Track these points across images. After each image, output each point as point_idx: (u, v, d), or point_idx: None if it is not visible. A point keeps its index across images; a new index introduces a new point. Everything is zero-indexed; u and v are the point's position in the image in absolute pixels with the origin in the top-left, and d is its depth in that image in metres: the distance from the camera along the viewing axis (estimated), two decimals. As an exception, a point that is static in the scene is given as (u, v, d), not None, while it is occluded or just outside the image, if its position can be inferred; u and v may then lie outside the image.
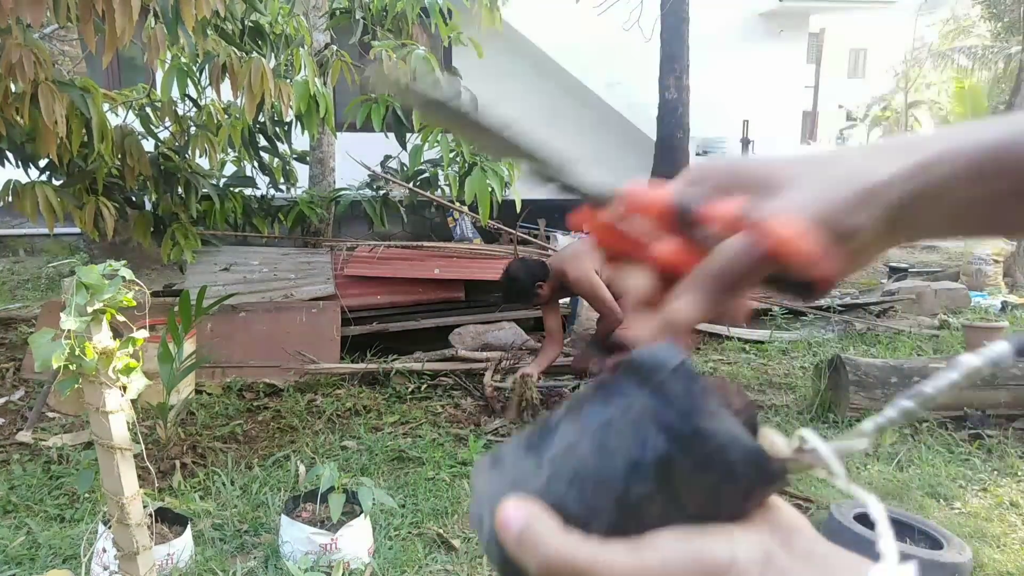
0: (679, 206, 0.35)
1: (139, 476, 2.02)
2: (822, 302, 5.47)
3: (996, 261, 7.18)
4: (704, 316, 0.35)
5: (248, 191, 5.19)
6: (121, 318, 1.89)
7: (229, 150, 4.45)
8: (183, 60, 3.74)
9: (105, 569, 2.26)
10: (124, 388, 1.92)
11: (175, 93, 3.76)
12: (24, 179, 3.74)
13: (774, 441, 0.32)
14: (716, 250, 0.35)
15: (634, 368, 0.31)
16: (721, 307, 0.35)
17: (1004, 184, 0.35)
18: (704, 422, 0.29)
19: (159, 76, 3.72)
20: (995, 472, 3.35)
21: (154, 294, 3.34)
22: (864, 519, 2.64)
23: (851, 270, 0.38)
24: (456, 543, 2.66)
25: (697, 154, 9.32)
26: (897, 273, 7.72)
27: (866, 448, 0.32)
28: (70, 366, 1.80)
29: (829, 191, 0.35)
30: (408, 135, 4.51)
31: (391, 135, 4.54)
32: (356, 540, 2.50)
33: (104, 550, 2.26)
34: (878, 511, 0.29)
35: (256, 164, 4.80)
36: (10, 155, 3.89)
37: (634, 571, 0.28)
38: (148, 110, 4.39)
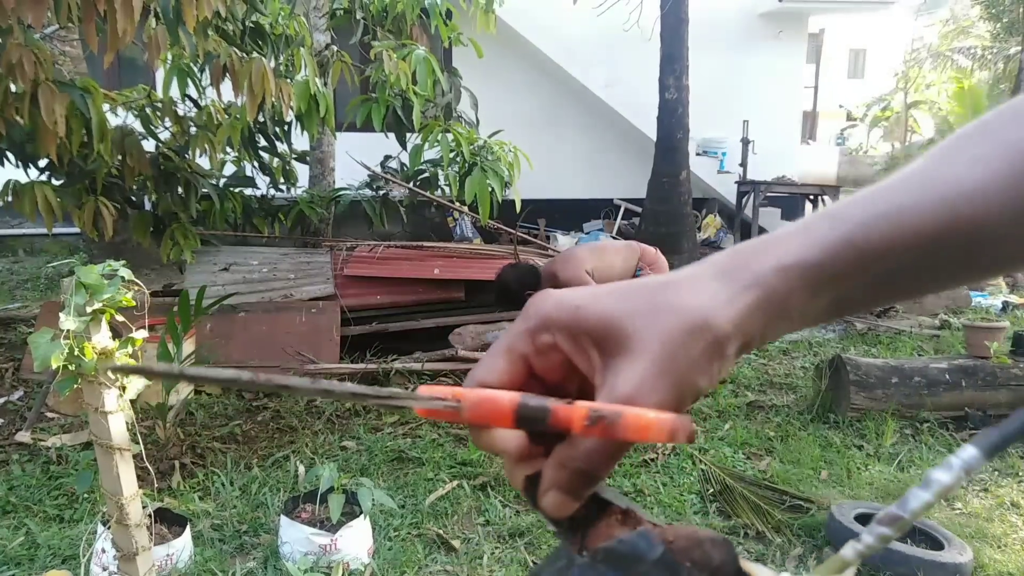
0: (523, 418, 0.34)
1: (138, 476, 2.02)
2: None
3: (996, 261, 7.17)
4: (572, 507, 0.35)
5: (248, 191, 5.19)
6: (120, 318, 1.89)
7: (229, 150, 4.44)
8: (184, 60, 3.74)
9: (104, 569, 2.25)
10: (123, 388, 1.92)
11: (175, 93, 3.76)
12: (24, 179, 3.74)
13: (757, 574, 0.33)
14: (574, 449, 0.34)
15: (615, 558, 0.32)
16: (585, 494, 0.35)
17: (843, 291, 0.36)
18: None
19: (159, 76, 3.72)
20: (996, 472, 3.35)
21: (153, 294, 3.33)
22: (864, 519, 2.64)
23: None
24: (456, 543, 2.66)
25: (697, 154, 9.31)
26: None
27: None
28: (69, 366, 1.80)
29: (674, 354, 0.34)
30: (408, 135, 4.51)
31: (391, 135, 4.53)
32: (356, 541, 2.49)
33: (103, 550, 2.25)
34: None
35: (256, 164, 4.80)
36: (10, 155, 3.89)
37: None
38: (148, 110, 4.39)
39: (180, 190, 4.43)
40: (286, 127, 4.64)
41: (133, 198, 4.52)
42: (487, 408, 0.34)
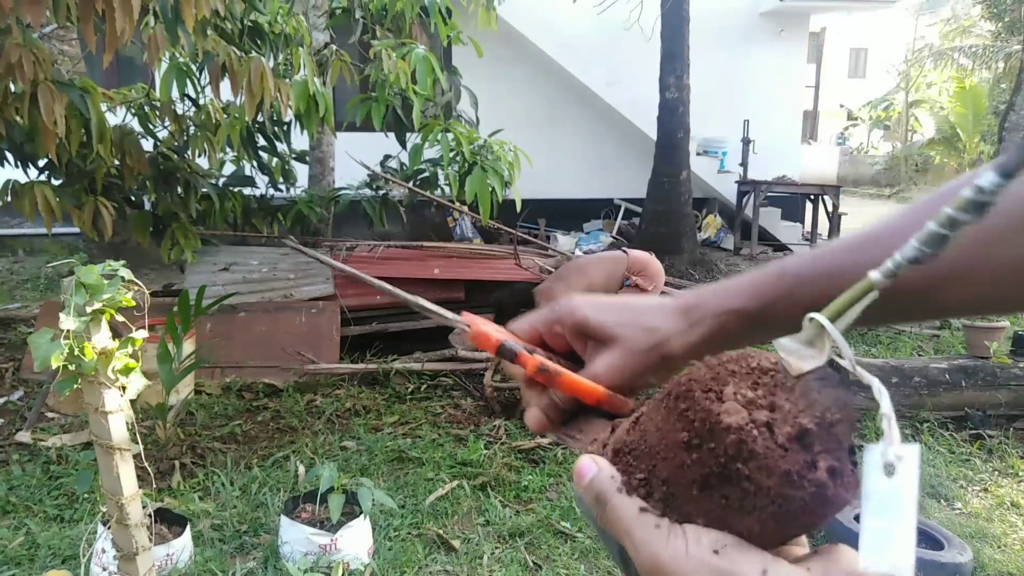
0: (502, 350, 0.48)
1: (138, 476, 2.02)
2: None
3: (997, 261, 7.17)
4: (545, 428, 0.49)
5: (247, 191, 5.18)
6: (120, 318, 1.89)
7: (228, 150, 4.44)
8: (182, 60, 3.74)
9: (104, 570, 2.25)
10: (123, 388, 1.92)
11: (174, 93, 3.76)
12: (23, 179, 3.73)
13: (784, 345, 0.34)
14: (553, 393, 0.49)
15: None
16: (557, 421, 0.49)
17: (775, 330, 0.42)
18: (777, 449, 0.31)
19: (158, 76, 3.71)
20: (996, 472, 3.35)
21: (153, 294, 3.33)
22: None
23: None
24: (456, 543, 2.65)
25: (698, 154, 9.30)
26: (897, 273, 7.70)
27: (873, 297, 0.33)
28: (69, 366, 1.80)
29: (635, 358, 0.48)
30: (408, 134, 4.50)
31: (391, 134, 4.53)
32: (356, 541, 2.49)
33: (103, 550, 2.25)
34: (883, 395, 0.32)
35: (255, 164, 4.79)
36: (9, 155, 3.88)
37: (660, 549, 0.32)
38: (147, 109, 4.38)
39: (179, 190, 4.43)
40: (285, 127, 4.63)
41: (133, 198, 4.52)
42: (483, 337, 0.49)
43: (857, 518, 2.62)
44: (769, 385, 0.33)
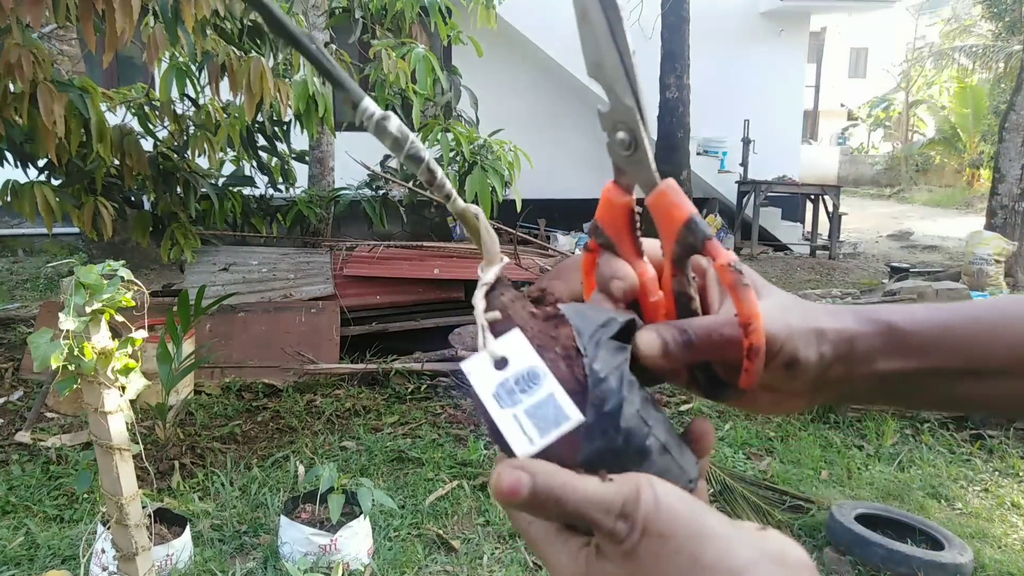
0: (691, 225, 0.39)
1: (138, 476, 2.02)
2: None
3: (998, 261, 7.16)
4: (660, 360, 0.38)
5: (247, 191, 5.18)
6: (120, 318, 1.88)
7: (228, 150, 4.44)
8: (182, 60, 3.74)
9: (104, 570, 2.25)
10: (123, 388, 1.92)
11: (174, 93, 3.75)
12: (23, 179, 3.73)
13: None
14: (702, 317, 0.40)
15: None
16: (676, 363, 0.39)
17: (944, 361, 0.42)
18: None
19: (158, 76, 3.71)
20: (996, 473, 3.35)
21: (153, 294, 3.33)
22: (864, 519, 2.64)
23: (768, 407, 0.44)
24: (456, 544, 2.65)
25: (698, 153, 9.31)
26: (898, 273, 7.71)
27: None
28: (69, 366, 1.80)
29: (792, 319, 0.41)
30: (408, 134, 4.49)
31: (391, 135, 4.52)
32: (356, 541, 2.49)
33: (103, 551, 2.25)
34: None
35: (255, 164, 4.79)
36: (9, 155, 3.88)
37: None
38: (147, 110, 4.38)
39: (179, 190, 4.43)
40: (285, 127, 4.63)
41: (132, 198, 4.52)
42: (673, 208, 0.40)
43: (858, 518, 2.62)
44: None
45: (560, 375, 0.35)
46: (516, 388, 0.35)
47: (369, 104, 0.34)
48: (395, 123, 0.35)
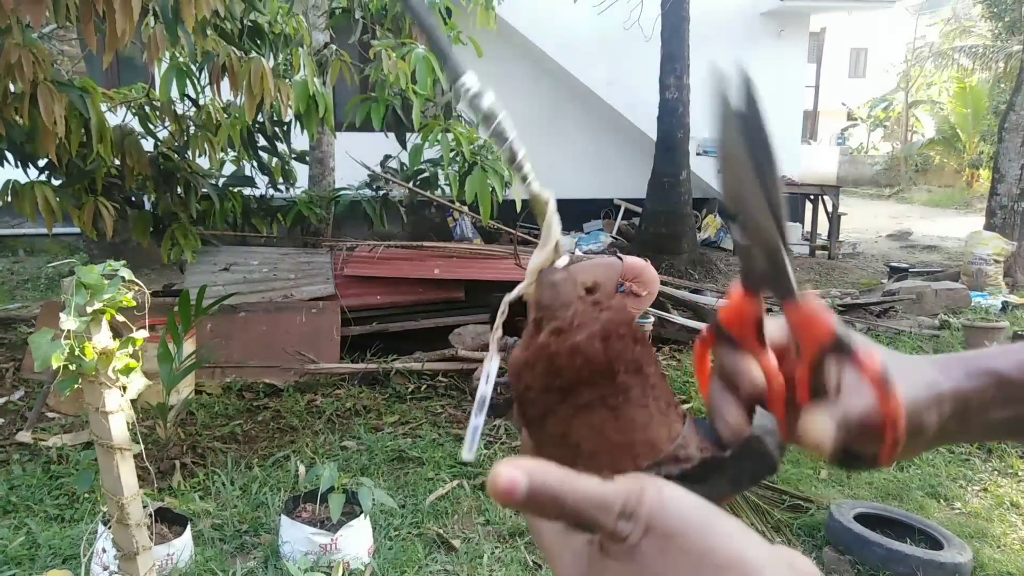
0: (841, 337, 0.40)
1: (139, 476, 2.02)
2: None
3: (997, 261, 7.17)
4: (831, 447, 0.40)
5: (247, 191, 5.19)
6: (121, 318, 1.89)
7: (228, 150, 4.44)
8: (182, 60, 3.74)
9: (105, 569, 2.25)
10: (124, 388, 1.92)
11: (174, 93, 3.76)
12: (23, 179, 3.74)
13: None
14: (850, 398, 0.41)
15: None
16: (838, 445, 0.40)
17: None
18: None
19: (158, 76, 3.71)
20: (995, 472, 3.35)
21: (154, 294, 3.33)
22: (864, 519, 2.65)
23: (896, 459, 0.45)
24: (456, 543, 2.66)
25: (698, 154, 9.31)
26: (897, 273, 7.72)
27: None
28: (70, 366, 1.80)
29: (916, 391, 0.43)
30: (408, 134, 4.50)
31: (391, 134, 4.53)
32: (356, 540, 2.50)
33: (104, 550, 2.25)
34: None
35: (255, 164, 4.80)
36: (9, 155, 3.89)
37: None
38: (147, 110, 4.38)
39: (180, 190, 4.43)
40: (285, 127, 4.63)
41: (133, 198, 4.52)
42: (816, 324, 0.40)
43: (857, 517, 2.63)
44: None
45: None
46: (478, 406, 0.42)
47: (469, 79, 0.36)
48: (488, 100, 0.37)
